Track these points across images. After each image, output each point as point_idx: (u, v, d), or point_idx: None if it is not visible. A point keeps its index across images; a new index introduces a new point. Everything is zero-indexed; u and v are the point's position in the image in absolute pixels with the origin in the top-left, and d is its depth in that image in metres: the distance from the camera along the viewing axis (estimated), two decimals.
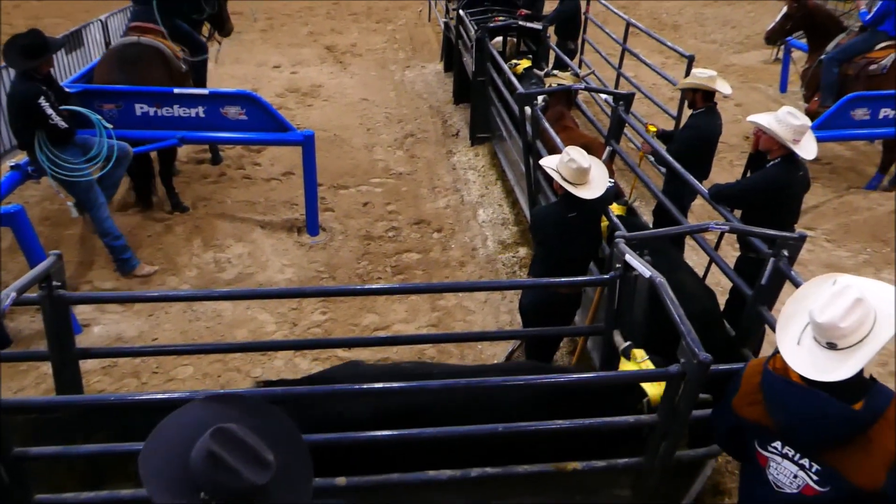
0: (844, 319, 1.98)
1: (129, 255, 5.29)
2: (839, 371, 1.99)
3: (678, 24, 14.41)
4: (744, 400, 2.24)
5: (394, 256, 5.97)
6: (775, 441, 2.16)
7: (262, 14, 13.28)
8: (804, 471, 2.10)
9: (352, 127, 8.56)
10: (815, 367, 2.03)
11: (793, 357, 2.09)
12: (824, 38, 7.41)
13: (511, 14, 8.34)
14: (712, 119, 4.97)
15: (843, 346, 2.01)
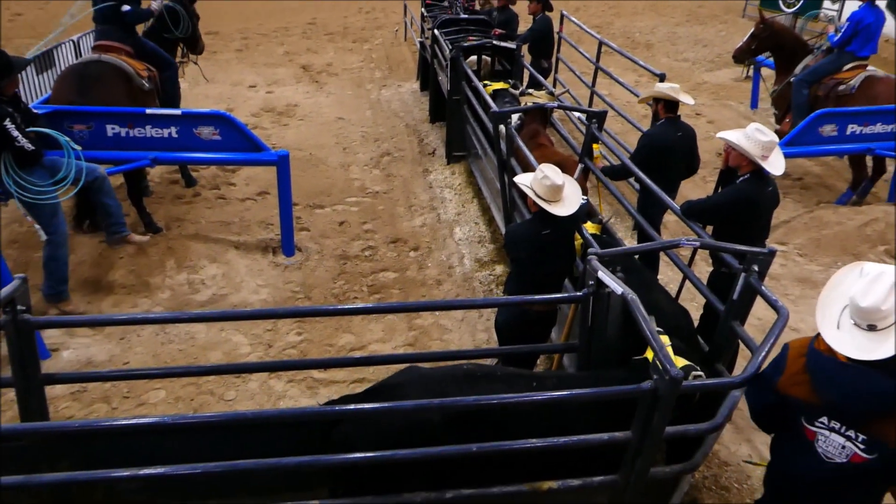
0: (885, 302, 2.24)
1: (66, 287, 5.13)
2: (881, 349, 2.24)
3: (651, 43, 14.63)
4: (790, 380, 2.45)
5: (370, 276, 5.94)
6: (822, 417, 2.39)
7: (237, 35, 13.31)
8: (851, 441, 2.34)
9: (328, 146, 8.55)
10: (859, 348, 2.27)
11: (836, 341, 2.32)
12: (791, 59, 7.58)
13: (485, 33, 8.41)
14: (671, 130, 5.08)
15: (882, 326, 2.26)
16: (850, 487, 2.43)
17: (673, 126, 5.11)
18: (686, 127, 5.25)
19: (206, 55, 9.02)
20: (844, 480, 2.40)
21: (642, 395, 2.47)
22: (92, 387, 4.34)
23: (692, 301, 5.15)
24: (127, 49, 6.18)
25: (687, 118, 9.99)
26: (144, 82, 6.13)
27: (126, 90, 5.91)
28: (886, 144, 6.64)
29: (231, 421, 2.50)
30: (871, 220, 6.61)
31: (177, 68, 6.93)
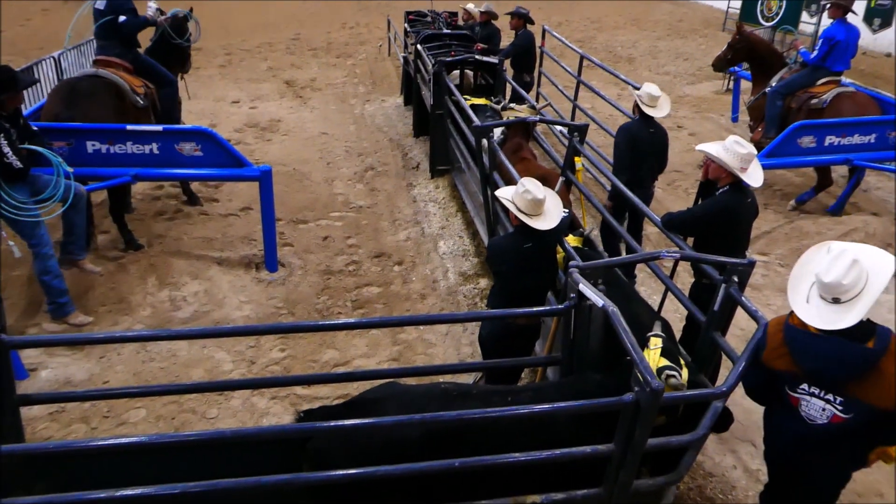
0: (846, 277, 2.49)
1: (67, 299, 5.09)
2: (845, 320, 2.50)
3: (633, 56, 14.78)
4: (772, 354, 2.73)
5: (354, 291, 5.92)
6: (802, 384, 2.66)
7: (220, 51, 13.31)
8: (830, 404, 2.61)
9: (311, 161, 8.54)
10: (825, 319, 2.54)
11: (805, 313, 2.60)
12: (766, 70, 7.71)
13: (468, 48, 8.46)
14: (645, 127, 5.48)
15: (845, 299, 2.52)
16: (835, 447, 2.68)
17: (647, 124, 5.50)
18: (659, 126, 5.65)
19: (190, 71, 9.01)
20: (828, 440, 2.66)
21: (624, 407, 2.47)
22: (71, 407, 4.28)
23: (675, 312, 5.18)
24: (125, 65, 6.17)
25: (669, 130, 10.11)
26: (139, 99, 6.10)
27: (115, 106, 5.87)
28: (864, 155, 6.73)
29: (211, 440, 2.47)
30: (850, 229, 6.69)
31: (176, 85, 6.91)
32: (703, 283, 4.00)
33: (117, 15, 6.06)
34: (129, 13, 6.16)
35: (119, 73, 6.04)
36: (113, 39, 6.16)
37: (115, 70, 6.03)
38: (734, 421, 3.16)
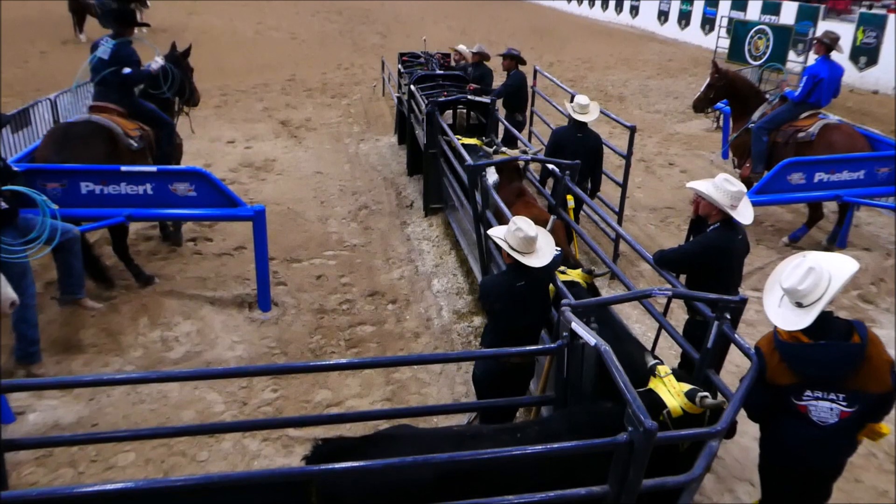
0: (802, 283, 2.78)
1: (37, 348, 5.00)
2: (803, 321, 2.78)
3: (623, 95, 15.00)
4: (774, 373, 2.90)
5: (347, 329, 5.89)
6: (806, 391, 2.86)
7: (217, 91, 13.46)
8: (836, 402, 2.84)
9: (305, 200, 8.57)
10: (787, 320, 2.83)
11: (774, 317, 2.89)
12: (746, 107, 7.83)
13: (461, 89, 8.57)
14: (572, 132, 6.37)
15: (806, 303, 2.81)
16: (842, 440, 2.93)
17: (575, 129, 6.34)
18: (591, 134, 6.45)
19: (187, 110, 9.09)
20: (839, 435, 2.90)
21: (618, 447, 2.44)
22: (58, 451, 4.21)
23: (670, 349, 5.16)
24: (119, 109, 6.23)
25: (660, 168, 10.24)
26: (133, 142, 6.13)
27: (107, 150, 5.90)
28: (854, 191, 6.80)
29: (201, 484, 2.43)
30: None
31: (173, 127, 6.96)
32: (697, 319, 4.00)
33: (122, 66, 6.14)
34: (134, 65, 6.24)
35: (112, 117, 6.09)
36: (112, 87, 6.23)
37: (108, 115, 6.09)
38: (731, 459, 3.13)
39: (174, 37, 14.87)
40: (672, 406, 2.90)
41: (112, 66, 6.15)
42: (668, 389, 2.96)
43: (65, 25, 18.49)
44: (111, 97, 6.21)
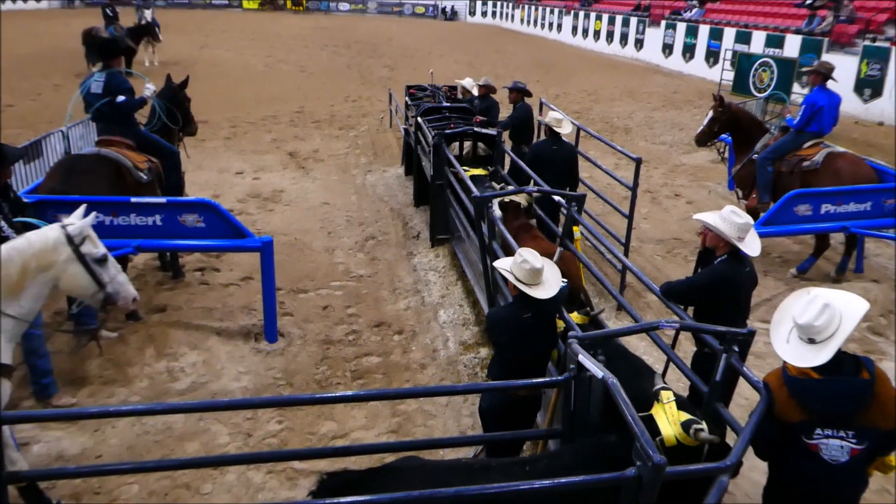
0: (818, 319, 2.72)
1: (51, 380, 5.01)
2: (819, 357, 2.70)
3: (629, 127, 15.10)
4: (783, 408, 2.83)
5: (353, 360, 5.86)
6: (816, 429, 2.79)
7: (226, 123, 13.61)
8: (846, 440, 2.77)
9: (312, 231, 8.61)
10: (802, 357, 2.75)
11: (785, 353, 2.81)
12: (749, 138, 7.87)
13: (467, 121, 8.64)
14: (549, 145, 6.93)
15: (819, 339, 2.74)
16: (854, 478, 2.87)
17: (551, 142, 6.86)
18: (566, 145, 7.02)
19: (195, 143, 9.22)
20: (851, 473, 2.84)
21: (626, 482, 2.41)
22: (61, 483, 4.18)
23: (678, 381, 5.11)
24: (127, 142, 6.30)
25: (666, 199, 10.25)
26: (143, 174, 6.19)
27: (114, 183, 5.95)
28: (861, 223, 6.79)
29: None
30: None
31: (178, 156, 7.04)
32: (705, 352, 3.97)
33: (115, 96, 6.22)
34: (127, 93, 6.33)
35: (122, 150, 6.16)
36: (112, 119, 6.31)
37: (117, 148, 6.16)
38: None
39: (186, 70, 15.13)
40: (666, 435, 2.86)
41: (105, 97, 6.23)
42: (666, 417, 2.93)
43: (78, 59, 18.81)
44: (116, 130, 6.29)
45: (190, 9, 46.25)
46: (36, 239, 3.70)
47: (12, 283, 3.58)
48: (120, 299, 3.96)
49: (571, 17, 34.69)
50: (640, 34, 27.95)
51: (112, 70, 6.38)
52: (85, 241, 3.81)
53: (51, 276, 3.73)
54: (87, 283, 3.83)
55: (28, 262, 3.62)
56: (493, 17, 46.32)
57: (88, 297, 3.93)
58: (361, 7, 49.74)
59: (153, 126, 6.93)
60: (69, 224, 3.79)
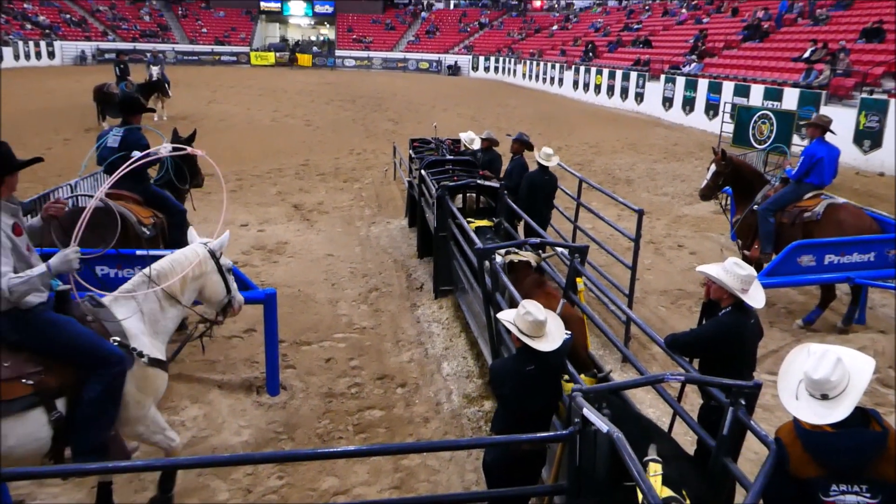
0: (833, 374, 2.68)
1: None
2: (834, 414, 2.66)
3: (631, 179, 15.23)
4: (798, 464, 2.75)
5: (356, 414, 5.80)
6: (832, 485, 2.71)
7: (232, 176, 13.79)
8: (860, 495, 2.70)
9: (316, 282, 8.63)
10: (817, 415, 2.69)
11: (798, 411, 2.74)
12: (750, 190, 7.92)
13: (470, 173, 8.74)
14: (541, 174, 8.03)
15: (833, 395, 2.70)
16: None
17: (542, 173, 8.01)
18: (552, 175, 8.13)
19: (201, 195, 9.29)
20: None
21: None
22: None
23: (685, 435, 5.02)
24: (135, 197, 6.38)
25: (670, 250, 10.27)
26: (146, 230, 6.24)
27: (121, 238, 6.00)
28: (865, 273, 6.78)
29: None
30: (859, 347, 6.55)
31: (184, 214, 7.11)
32: (711, 405, 3.92)
33: (131, 151, 6.34)
34: (143, 149, 6.45)
35: (128, 205, 6.23)
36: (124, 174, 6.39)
37: (124, 203, 6.24)
38: None
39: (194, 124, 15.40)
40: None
41: (121, 151, 6.34)
42: None
43: (89, 114, 19.23)
44: (125, 184, 6.37)
45: (199, 65, 47.39)
46: (190, 254, 4.42)
47: (176, 290, 4.27)
48: (236, 304, 4.74)
49: (572, 72, 35.42)
50: (641, 88, 28.47)
51: (130, 126, 6.52)
52: (221, 255, 4.60)
53: (199, 284, 4.45)
54: (221, 290, 4.60)
55: (186, 273, 4.31)
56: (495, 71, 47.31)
57: (216, 303, 4.64)
58: (367, 63, 50.92)
59: (161, 179, 7.03)
60: (208, 241, 4.58)
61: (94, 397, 3.73)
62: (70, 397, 3.74)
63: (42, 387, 3.63)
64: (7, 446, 3.52)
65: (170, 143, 7.02)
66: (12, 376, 3.55)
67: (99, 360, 3.75)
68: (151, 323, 4.17)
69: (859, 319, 7.39)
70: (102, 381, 3.74)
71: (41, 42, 42.82)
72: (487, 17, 57.50)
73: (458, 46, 52.82)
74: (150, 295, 4.16)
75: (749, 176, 8.03)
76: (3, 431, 3.48)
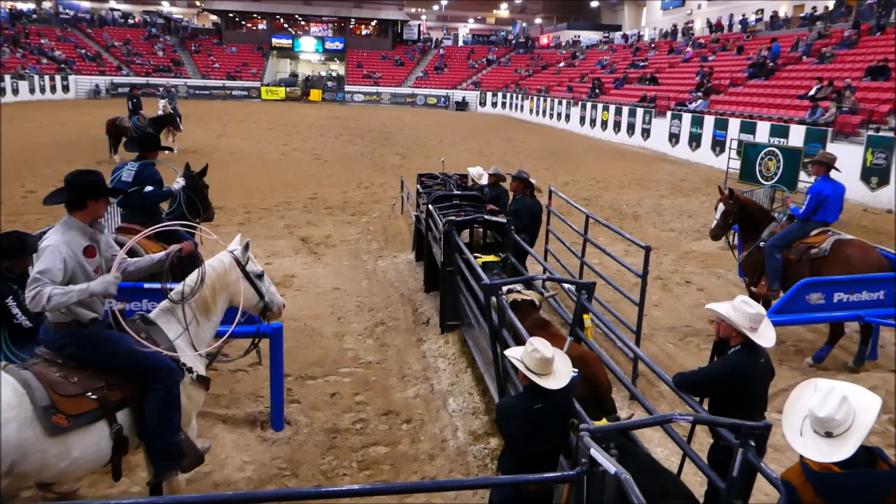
0: (838, 412, 2.64)
1: None
2: (840, 453, 2.62)
3: (638, 214, 15.25)
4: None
5: (360, 450, 5.73)
6: None
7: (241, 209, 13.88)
8: None
9: (322, 316, 8.61)
10: (822, 452, 2.66)
11: (801, 447, 2.72)
12: (756, 227, 7.91)
13: (477, 209, 8.77)
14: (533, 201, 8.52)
15: (837, 433, 2.66)
16: None
17: (534, 199, 8.47)
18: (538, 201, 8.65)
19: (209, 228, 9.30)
20: None
21: None
22: None
23: (695, 476, 4.95)
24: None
25: (677, 286, 10.24)
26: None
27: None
28: (875, 311, 6.72)
29: None
30: (870, 387, 6.50)
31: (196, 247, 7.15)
32: (721, 445, 3.87)
33: (144, 185, 6.42)
34: (157, 184, 6.53)
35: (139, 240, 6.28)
36: (136, 208, 6.48)
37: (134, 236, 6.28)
38: None
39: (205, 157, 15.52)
40: None
41: (134, 185, 6.41)
42: None
43: (100, 147, 19.48)
44: (137, 219, 6.44)
45: (210, 99, 48.11)
46: (216, 264, 4.58)
47: (208, 303, 4.47)
48: (275, 307, 4.86)
49: (579, 108, 35.77)
50: (647, 124, 28.69)
51: (145, 161, 6.61)
52: (248, 261, 4.72)
53: (229, 292, 4.61)
54: (252, 295, 4.72)
55: (215, 283, 4.50)
56: (502, 107, 47.84)
57: (252, 308, 4.79)
58: (375, 98, 51.59)
59: (173, 213, 7.08)
60: (234, 249, 4.72)
61: (157, 407, 4.04)
62: (131, 410, 4.05)
63: (105, 401, 3.92)
64: (71, 458, 3.75)
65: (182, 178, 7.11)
66: (79, 392, 3.82)
67: (154, 373, 4.05)
68: (193, 335, 4.41)
69: (871, 356, 7.31)
70: (160, 393, 4.04)
71: (56, 76, 43.65)
72: (495, 53, 58.37)
73: (466, 82, 53.53)
74: (187, 309, 4.40)
75: (755, 213, 8.04)
76: (69, 445, 3.73)
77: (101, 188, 4.09)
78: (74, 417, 3.74)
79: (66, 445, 3.72)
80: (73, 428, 3.73)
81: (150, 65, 51.10)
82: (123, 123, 18.73)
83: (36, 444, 3.60)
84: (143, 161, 6.61)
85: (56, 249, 3.80)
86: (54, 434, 3.66)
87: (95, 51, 50.35)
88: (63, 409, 3.71)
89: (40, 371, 3.81)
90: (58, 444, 3.69)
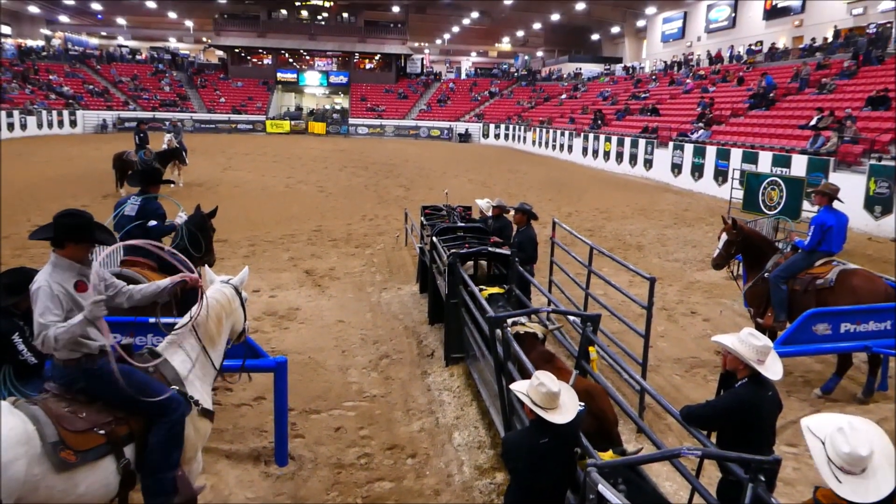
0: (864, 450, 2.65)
1: None
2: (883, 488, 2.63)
3: (642, 244, 15.25)
4: None
5: (365, 486, 5.67)
6: None
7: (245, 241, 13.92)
8: None
9: (327, 349, 8.59)
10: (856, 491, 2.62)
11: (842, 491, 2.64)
12: (760, 258, 7.91)
13: (481, 241, 8.80)
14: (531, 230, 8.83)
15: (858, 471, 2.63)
16: None
17: (529, 228, 8.74)
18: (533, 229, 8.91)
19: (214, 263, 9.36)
20: None
21: None
22: None
23: None
24: (150, 263, 6.46)
25: (683, 317, 10.20)
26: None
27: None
28: (883, 342, 6.68)
29: None
30: (880, 419, 6.46)
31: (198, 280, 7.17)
32: (731, 479, 3.81)
33: (148, 219, 6.47)
34: (160, 218, 6.59)
35: (143, 271, 6.31)
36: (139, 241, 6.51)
37: (139, 269, 6.31)
38: None
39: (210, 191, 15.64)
40: None
41: (138, 219, 6.47)
42: None
43: (107, 181, 19.64)
44: (140, 251, 6.47)
45: (216, 133, 48.61)
46: (220, 295, 4.68)
47: (214, 333, 4.53)
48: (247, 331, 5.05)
49: (581, 139, 36.01)
50: (650, 154, 28.85)
51: (148, 195, 6.67)
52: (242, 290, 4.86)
53: (231, 320, 4.72)
54: (241, 320, 4.86)
55: (219, 313, 4.59)
56: (505, 139, 48.19)
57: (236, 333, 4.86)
58: (379, 130, 52.09)
59: (176, 247, 7.12)
60: (230, 279, 4.87)
61: (160, 441, 4.03)
62: (138, 444, 4.04)
63: (113, 436, 3.92)
64: (77, 494, 3.74)
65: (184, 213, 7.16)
66: (87, 427, 3.83)
67: (162, 408, 4.05)
68: (200, 367, 4.45)
69: (881, 387, 7.25)
70: (166, 427, 4.04)
71: (64, 111, 44.21)
72: (497, 86, 59.00)
73: (469, 114, 54.05)
74: (194, 342, 4.45)
75: (759, 243, 8.04)
76: (76, 480, 3.73)
77: (82, 233, 3.97)
78: (82, 453, 3.75)
79: (74, 481, 3.72)
80: (80, 464, 3.74)
81: (156, 100, 51.78)
82: (130, 157, 18.92)
83: (43, 480, 3.60)
84: (146, 195, 6.68)
85: (47, 289, 3.82)
86: (62, 470, 3.66)
87: (103, 86, 51.08)
88: (71, 445, 3.72)
89: (49, 406, 3.81)
90: (65, 480, 3.69)
